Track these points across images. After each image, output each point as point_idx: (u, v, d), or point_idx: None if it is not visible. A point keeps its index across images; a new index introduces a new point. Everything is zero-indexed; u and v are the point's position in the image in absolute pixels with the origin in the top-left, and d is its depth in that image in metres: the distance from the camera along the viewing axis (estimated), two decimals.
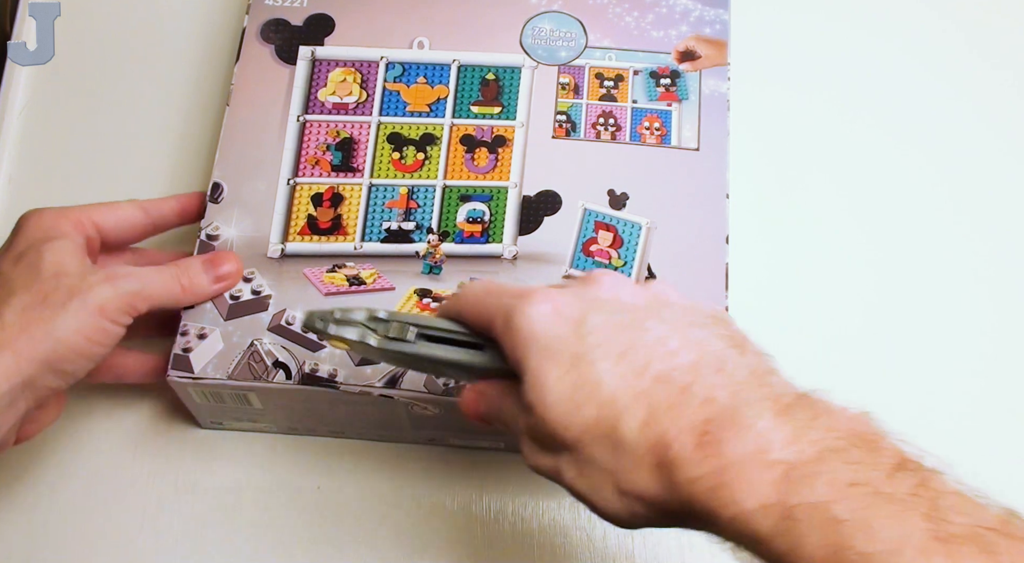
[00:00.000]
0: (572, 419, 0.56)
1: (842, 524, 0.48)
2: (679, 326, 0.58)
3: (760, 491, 0.50)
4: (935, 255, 0.92)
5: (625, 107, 0.85)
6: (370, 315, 0.66)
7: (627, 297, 0.61)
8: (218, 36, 0.97)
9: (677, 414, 0.54)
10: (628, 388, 0.55)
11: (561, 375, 0.57)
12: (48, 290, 0.69)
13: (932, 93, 0.98)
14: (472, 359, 0.64)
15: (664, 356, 0.56)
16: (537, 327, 0.59)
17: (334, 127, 0.84)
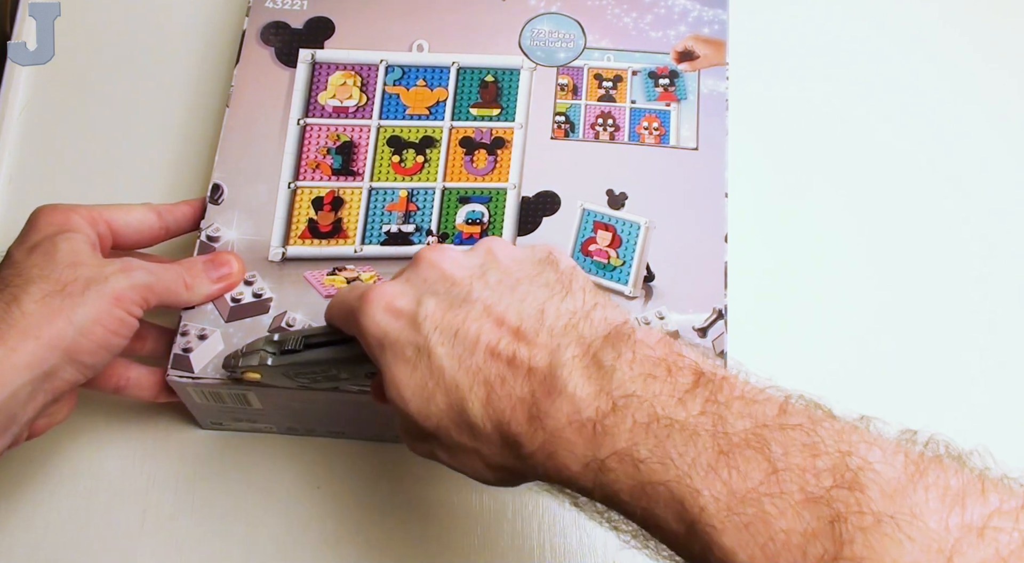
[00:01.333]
0: (429, 410, 0.60)
1: (643, 463, 0.53)
2: (504, 287, 0.61)
3: (578, 453, 0.55)
4: (934, 254, 0.92)
5: (624, 107, 0.85)
6: (267, 340, 0.72)
7: (452, 268, 0.63)
8: (218, 38, 0.98)
9: (509, 389, 0.57)
10: (465, 369, 0.59)
11: (410, 370, 0.60)
12: (66, 280, 0.69)
13: (931, 92, 0.98)
14: (346, 353, 0.69)
15: (491, 326, 0.59)
16: (380, 328, 0.62)
17: (334, 131, 0.84)
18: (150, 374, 0.78)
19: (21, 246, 0.72)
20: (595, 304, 0.60)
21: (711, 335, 0.78)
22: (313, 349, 0.70)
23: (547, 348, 0.58)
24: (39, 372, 0.67)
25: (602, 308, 0.59)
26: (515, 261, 0.63)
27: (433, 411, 0.59)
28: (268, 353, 0.71)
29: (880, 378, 0.86)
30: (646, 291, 0.79)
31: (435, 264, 0.63)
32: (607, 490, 0.55)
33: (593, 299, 0.60)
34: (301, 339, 0.71)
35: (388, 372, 0.61)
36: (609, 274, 0.80)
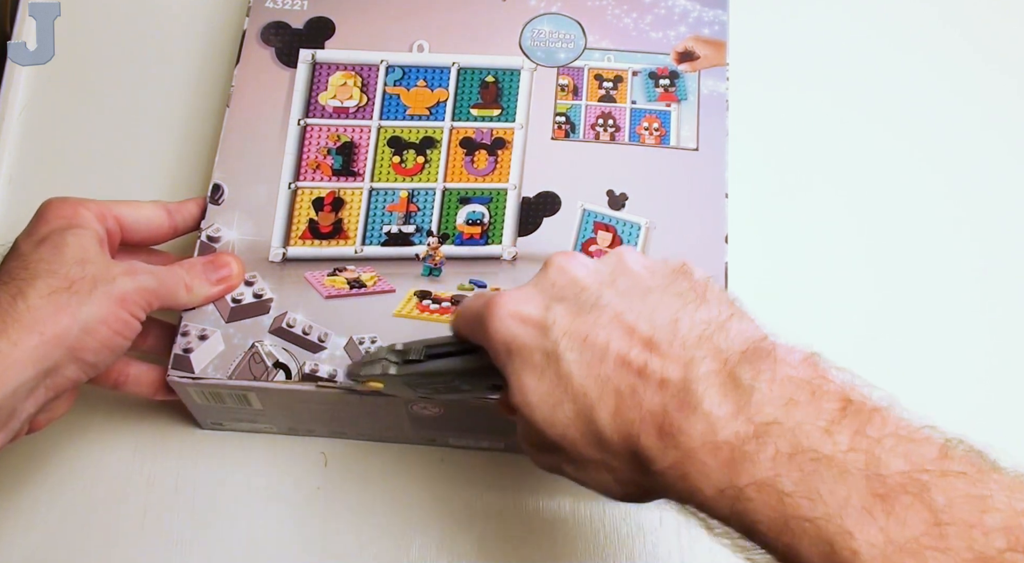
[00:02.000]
0: (555, 418, 0.58)
1: (788, 496, 0.50)
2: (635, 295, 0.59)
3: (714, 477, 0.53)
4: (934, 254, 0.92)
5: (624, 108, 0.85)
6: (390, 348, 0.71)
7: (582, 274, 0.61)
8: (218, 38, 0.97)
9: (638, 400, 0.55)
10: (594, 377, 0.57)
11: (538, 376, 0.59)
12: (74, 277, 0.68)
13: (931, 92, 0.98)
14: (470, 364, 0.67)
15: (622, 335, 0.57)
16: (508, 334, 0.60)
17: (335, 131, 0.84)
18: (150, 371, 0.78)
19: (29, 238, 0.72)
20: (731, 315, 0.58)
21: None
22: (436, 359, 0.69)
23: (681, 360, 0.55)
24: (42, 368, 0.66)
25: (738, 319, 0.57)
26: (647, 269, 0.62)
27: (560, 419, 0.58)
28: (390, 362, 0.71)
29: (881, 378, 0.86)
30: None
31: (564, 269, 0.62)
32: (744, 519, 0.52)
33: (729, 309, 0.58)
34: (424, 349, 0.69)
35: (515, 378, 0.60)
36: None
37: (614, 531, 0.82)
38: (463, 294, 0.79)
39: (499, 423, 0.78)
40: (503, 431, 0.81)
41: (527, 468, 0.83)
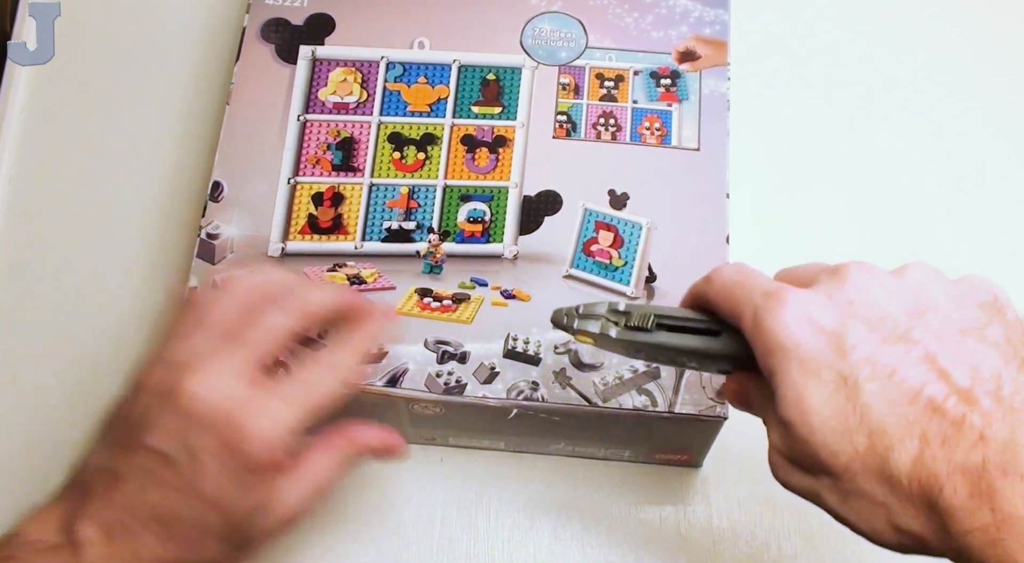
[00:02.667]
0: (841, 446, 0.53)
1: None
2: (949, 335, 0.55)
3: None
4: (935, 254, 0.91)
5: (625, 107, 0.85)
6: (611, 308, 0.65)
7: (884, 298, 0.57)
8: (218, 36, 0.97)
9: (950, 451, 0.51)
10: (900, 416, 0.52)
11: (825, 397, 0.54)
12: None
13: (932, 92, 0.98)
14: (709, 346, 0.63)
15: (936, 378, 0.53)
16: (792, 337, 0.55)
17: (335, 127, 0.84)
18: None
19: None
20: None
21: None
22: (669, 332, 0.63)
23: (1006, 421, 0.51)
24: None
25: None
26: (954, 301, 0.57)
27: (846, 449, 0.53)
28: (611, 323, 0.65)
29: None
30: (648, 292, 0.79)
31: (863, 286, 0.57)
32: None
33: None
34: (653, 319, 0.64)
35: (793, 389, 0.55)
36: (611, 274, 0.80)
37: (616, 530, 0.82)
38: (464, 292, 0.79)
39: (499, 424, 0.78)
40: (503, 431, 0.81)
41: (527, 468, 0.83)
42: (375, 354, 0.73)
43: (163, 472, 0.62)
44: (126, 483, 0.63)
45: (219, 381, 0.62)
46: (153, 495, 0.62)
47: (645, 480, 0.83)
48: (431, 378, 0.76)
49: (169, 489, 0.62)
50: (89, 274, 0.89)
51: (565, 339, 0.77)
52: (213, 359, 0.63)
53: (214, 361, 0.63)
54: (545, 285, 0.79)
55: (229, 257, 0.80)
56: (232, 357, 0.63)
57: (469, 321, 0.78)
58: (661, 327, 0.63)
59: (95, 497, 0.63)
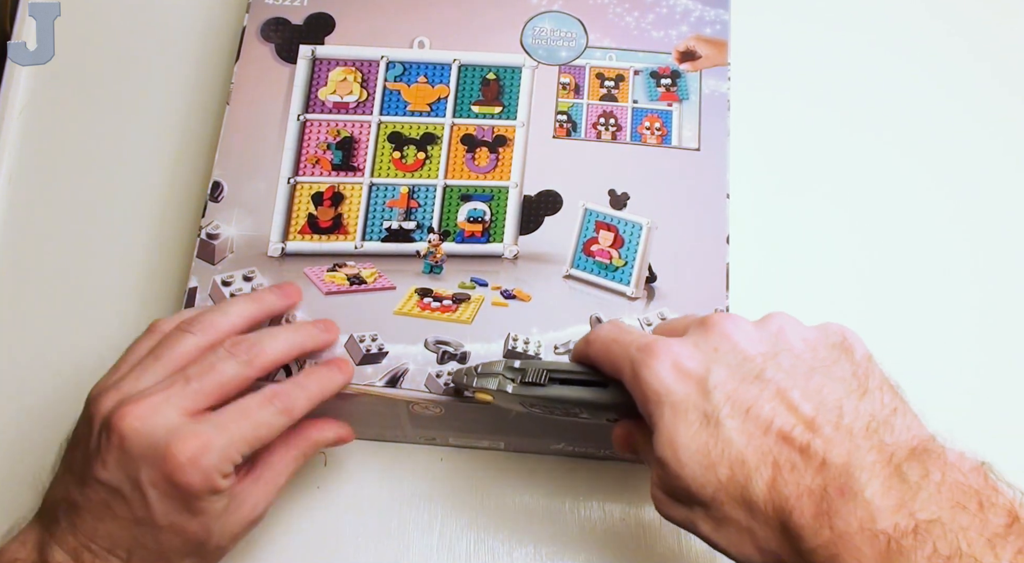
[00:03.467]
0: (707, 478, 0.58)
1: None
2: (798, 374, 0.60)
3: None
4: (935, 254, 0.92)
5: (626, 107, 0.85)
6: (507, 366, 0.71)
7: (745, 343, 0.62)
8: (218, 35, 0.97)
9: (798, 477, 0.56)
10: (756, 448, 0.57)
11: (692, 434, 0.59)
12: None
13: (931, 92, 0.98)
14: (598, 397, 0.68)
15: (786, 410, 0.58)
16: (664, 384, 0.61)
17: (334, 126, 0.84)
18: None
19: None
20: (894, 409, 0.58)
21: None
22: (557, 386, 0.69)
23: (844, 446, 0.56)
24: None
25: (902, 415, 0.58)
26: (807, 344, 0.62)
27: (712, 480, 0.58)
28: (507, 379, 0.71)
29: None
30: (648, 292, 0.79)
31: (727, 335, 0.62)
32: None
33: (892, 403, 0.59)
34: (545, 373, 0.69)
35: (665, 430, 0.60)
36: (611, 274, 0.80)
37: (615, 530, 0.82)
38: (464, 292, 0.79)
39: (499, 424, 0.78)
40: (503, 431, 0.81)
41: (527, 468, 0.83)
42: (328, 396, 0.73)
43: (115, 505, 0.66)
44: (85, 514, 0.67)
45: (154, 414, 0.66)
46: (111, 526, 0.67)
47: (645, 480, 0.83)
48: (431, 378, 0.76)
49: (124, 520, 0.67)
50: (89, 274, 0.89)
51: (565, 339, 0.77)
52: (156, 395, 0.67)
53: (156, 397, 0.67)
54: (545, 285, 0.79)
55: (229, 257, 0.80)
56: (176, 395, 0.67)
57: (469, 321, 0.78)
58: (554, 381, 0.69)
59: (60, 524, 0.68)
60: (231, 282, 0.79)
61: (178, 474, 0.65)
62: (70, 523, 0.67)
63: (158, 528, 0.67)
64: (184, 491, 0.65)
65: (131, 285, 0.89)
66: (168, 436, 0.65)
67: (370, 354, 0.76)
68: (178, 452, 0.64)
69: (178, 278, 0.88)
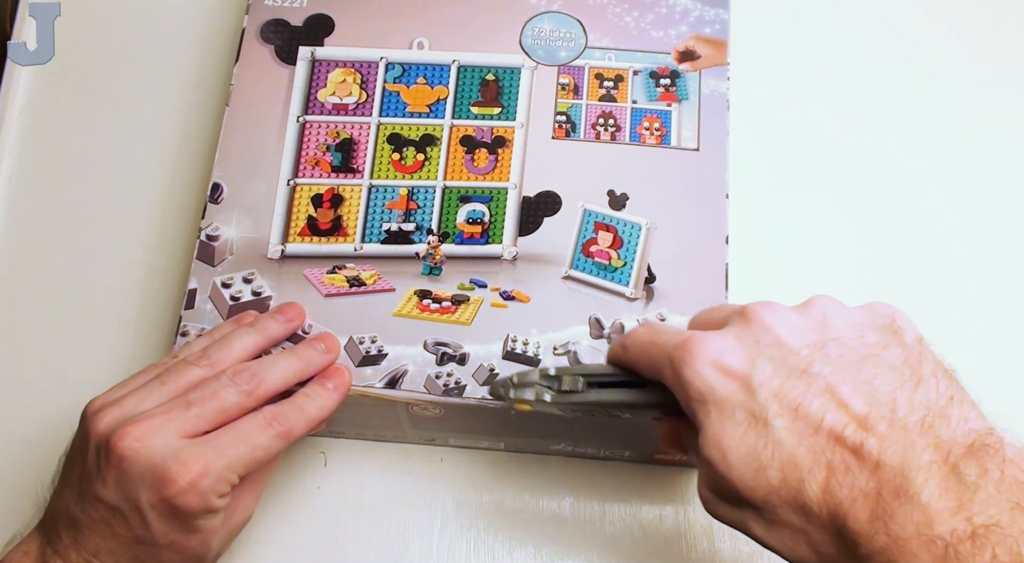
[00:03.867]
0: (757, 481, 0.56)
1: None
2: (848, 365, 0.57)
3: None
4: (935, 254, 0.92)
5: (625, 107, 0.85)
6: (542, 374, 0.69)
7: (788, 334, 0.59)
8: (218, 36, 0.97)
9: (852, 478, 0.54)
10: (807, 448, 0.55)
11: (740, 435, 0.57)
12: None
13: (930, 92, 0.98)
14: (638, 398, 0.66)
15: (836, 408, 0.56)
16: (707, 383, 0.59)
17: (334, 128, 0.84)
18: None
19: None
20: (951, 398, 0.56)
21: None
22: (596, 390, 0.68)
23: (899, 444, 0.54)
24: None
25: (959, 404, 0.56)
26: (854, 329, 0.59)
27: (762, 484, 0.56)
28: (544, 388, 0.69)
29: None
30: (647, 292, 0.79)
31: (768, 326, 0.60)
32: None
33: (948, 391, 0.56)
34: (581, 379, 0.68)
35: (711, 431, 0.58)
36: (610, 275, 0.80)
37: (615, 530, 0.82)
38: (463, 294, 0.79)
39: (499, 424, 0.78)
40: (503, 432, 0.81)
41: (527, 468, 0.83)
42: (326, 415, 0.73)
43: (115, 523, 0.67)
44: (86, 530, 0.67)
45: (153, 436, 0.66)
46: (111, 543, 0.67)
47: (645, 480, 0.83)
48: (431, 380, 0.76)
49: (124, 538, 0.67)
50: (89, 275, 0.89)
51: (564, 340, 0.77)
52: (156, 417, 0.67)
53: (156, 419, 0.67)
54: (545, 286, 0.79)
55: (229, 259, 0.80)
56: (177, 419, 0.67)
57: (468, 323, 0.78)
58: (591, 386, 0.68)
59: (63, 539, 0.68)
60: (231, 284, 0.79)
61: (177, 498, 0.65)
62: (72, 539, 0.68)
63: (158, 546, 0.67)
64: (182, 513, 0.66)
65: (131, 286, 0.89)
66: (167, 458, 0.65)
67: (369, 356, 0.76)
68: (177, 476, 0.65)
69: (178, 280, 0.88)
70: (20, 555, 0.69)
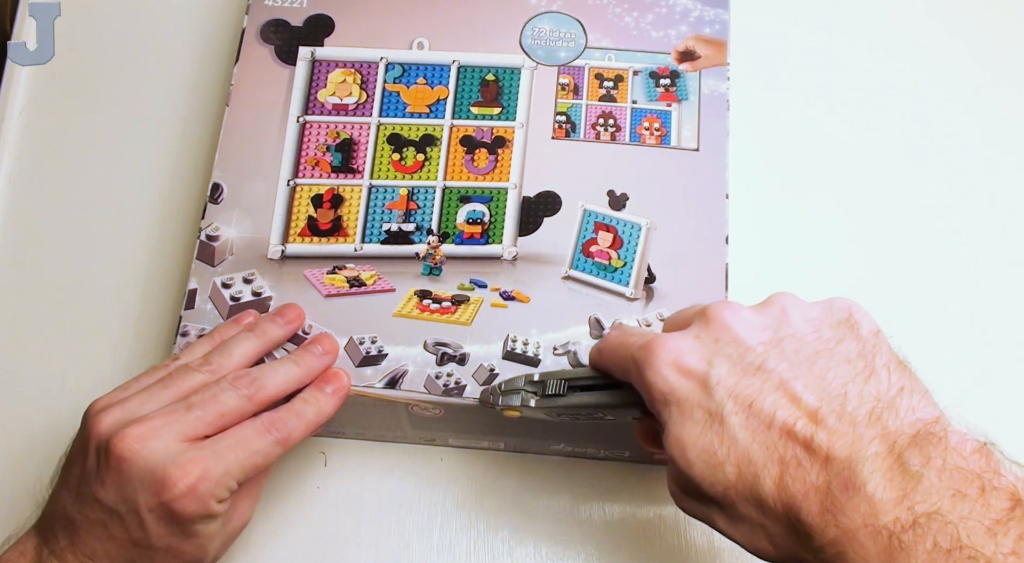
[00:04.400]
0: (715, 477, 0.58)
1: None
2: (802, 361, 0.59)
3: (871, 561, 0.53)
4: (935, 255, 0.92)
5: (625, 107, 0.85)
6: (527, 380, 0.72)
7: (746, 332, 0.61)
8: (218, 36, 0.97)
9: (803, 474, 0.55)
10: (761, 444, 0.57)
11: (698, 433, 0.59)
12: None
13: (930, 93, 0.98)
14: (617, 399, 0.68)
15: (787, 403, 0.57)
16: (667, 384, 0.60)
17: (334, 128, 0.84)
18: None
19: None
20: (900, 388, 0.57)
21: None
22: (578, 393, 0.70)
23: (847, 437, 0.55)
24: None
25: (908, 394, 0.57)
26: (811, 324, 0.61)
27: (720, 479, 0.58)
28: (529, 394, 0.71)
29: None
30: (647, 293, 0.79)
31: (728, 326, 0.61)
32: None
33: (899, 381, 0.58)
34: (564, 383, 0.70)
35: (673, 429, 0.60)
36: (610, 275, 0.80)
37: (615, 530, 0.82)
38: (463, 294, 0.79)
39: (499, 425, 0.78)
40: (503, 432, 0.81)
41: (527, 468, 0.83)
42: (324, 421, 0.73)
43: (112, 526, 0.67)
44: (83, 532, 0.67)
45: (153, 438, 0.66)
46: (107, 546, 0.67)
47: (645, 480, 0.83)
48: (431, 380, 0.76)
49: (120, 541, 0.67)
50: (89, 275, 0.89)
51: (564, 340, 0.77)
52: (157, 419, 0.67)
53: (157, 421, 0.67)
54: (544, 286, 0.79)
55: (229, 259, 0.80)
56: (177, 422, 0.67)
57: (468, 323, 0.78)
58: (573, 389, 0.70)
59: (60, 541, 0.68)
60: (231, 284, 0.79)
61: (175, 502, 0.65)
62: (69, 540, 0.68)
63: (154, 550, 0.67)
64: (180, 517, 0.66)
65: (131, 286, 0.89)
66: (166, 462, 0.65)
67: (369, 356, 0.76)
68: (176, 480, 0.65)
69: (178, 279, 0.88)
70: (16, 555, 0.69)
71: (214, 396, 0.69)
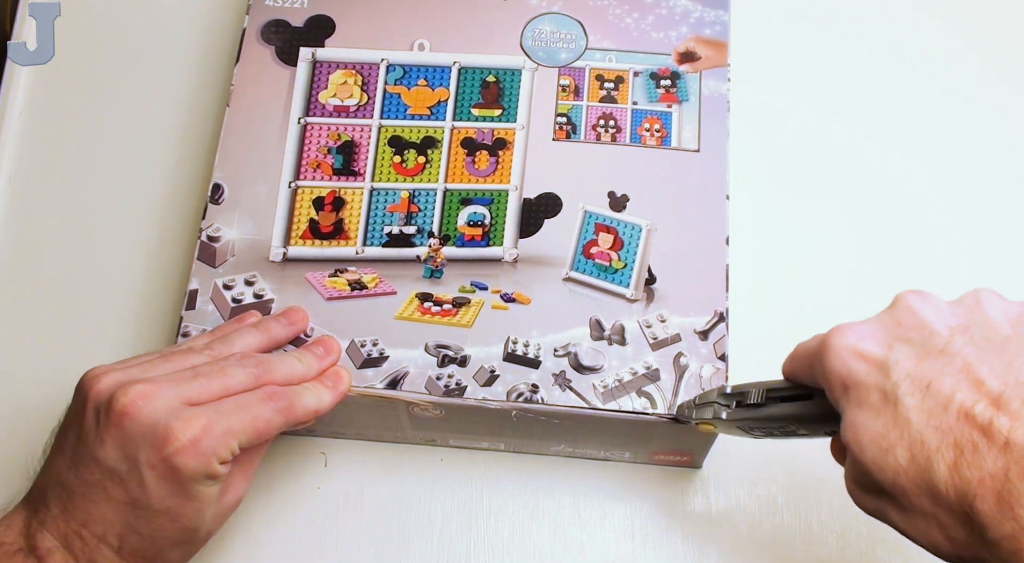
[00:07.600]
0: (887, 462, 0.55)
1: None
2: (991, 347, 0.56)
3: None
4: (934, 255, 0.92)
5: (625, 109, 0.85)
6: (719, 392, 0.71)
7: (932, 317, 0.58)
8: (218, 37, 0.97)
9: (979, 459, 0.52)
10: (935, 427, 0.54)
11: (872, 416, 0.56)
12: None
13: (930, 94, 0.97)
14: (807, 409, 0.65)
15: (969, 386, 0.54)
16: (845, 367, 0.58)
17: (335, 130, 0.84)
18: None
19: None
20: None
21: (712, 338, 0.77)
22: (776, 403, 0.67)
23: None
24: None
25: None
26: (1007, 316, 0.58)
27: (891, 464, 0.55)
28: (721, 406, 0.70)
29: None
30: (647, 294, 0.79)
31: (914, 310, 0.59)
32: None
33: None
34: (763, 392, 0.68)
35: (849, 415, 0.57)
36: (611, 277, 0.80)
37: (615, 530, 0.82)
38: (464, 296, 0.79)
39: (499, 425, 0.78)
40: (503, 433, 0.81)
41: (527, 468, 0.83)
42: (323, 411, 0.73)
43: (110, 486, 0.65)
44: (78, 497, 0.66)
45: (156, 396, 0.65)
46: (104, 509, 0.66)
47: (645, 481, 0.84)
48: (431, 381, 0.76)
49: (118, 503, 0.65)
50: (89, 275, 0.89)
51: (564, 342, 0.77)
52: (161, 382, 0.67)
53: (161, 384, 0.66)
54: (545, 288, 0.79)
55: (230, 260, 0.80)
56: (181, 386, 0.67)
57: (469, 325, 0.78)
58: (772, 399, 0.67)
59: (51, 509, 0.67)
60: (233, 285, 0.79)
61: (177, 456, 0.64)
62: (61, 508, 0.66)
63: (153, 512, 0.66)
64: (181, 474, 0.65)
65: (131, 286, 0.89)
66: (169, 417, 0.65)
67: (371, 358, 0.76)
68: (179, 433, 0.64)
69: (178, 280, 0.88)
70: (2, 529, 0.67)
71: (221, 369, 0.69)
